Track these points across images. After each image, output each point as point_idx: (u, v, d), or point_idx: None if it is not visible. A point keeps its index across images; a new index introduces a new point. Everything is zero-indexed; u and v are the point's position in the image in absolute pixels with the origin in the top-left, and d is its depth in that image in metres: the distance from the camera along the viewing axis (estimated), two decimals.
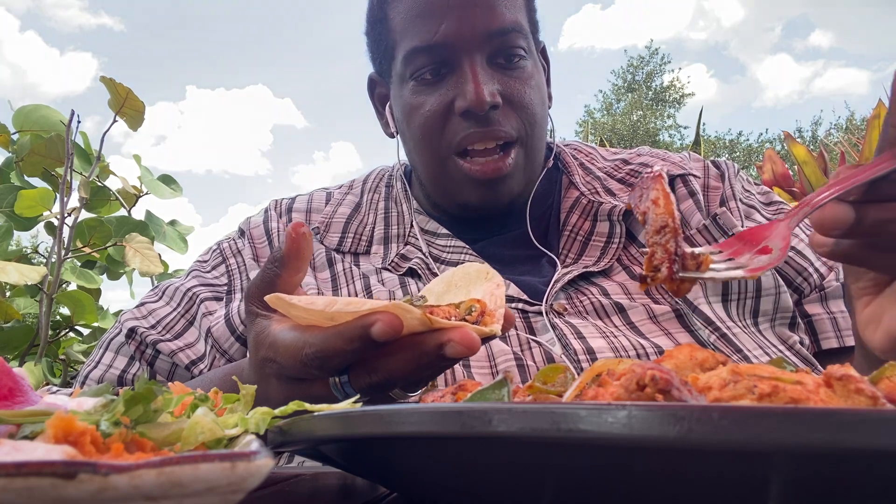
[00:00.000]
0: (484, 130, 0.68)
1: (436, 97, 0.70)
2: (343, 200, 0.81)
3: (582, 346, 0.61)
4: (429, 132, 0.71)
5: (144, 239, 1.75)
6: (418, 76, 0.71)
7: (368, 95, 0.84)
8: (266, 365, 0.46)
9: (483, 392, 0.32)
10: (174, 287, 0.76)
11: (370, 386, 0.42)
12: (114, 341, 0.73)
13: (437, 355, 0.40)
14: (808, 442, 0.19)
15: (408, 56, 0.71)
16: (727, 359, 0.32)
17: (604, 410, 0.21)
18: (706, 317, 0.64)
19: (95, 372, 0.71)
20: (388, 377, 0.42)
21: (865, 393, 0.26)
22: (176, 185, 2.06)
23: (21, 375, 0.29)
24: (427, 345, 0.40)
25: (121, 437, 0.24)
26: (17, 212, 1.71)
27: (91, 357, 0.74)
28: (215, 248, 0.80)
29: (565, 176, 0.80)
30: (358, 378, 0.42)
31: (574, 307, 0.67)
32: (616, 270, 0.70)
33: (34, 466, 0.17)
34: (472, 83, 0.67)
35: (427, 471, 0.30)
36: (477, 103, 0.66)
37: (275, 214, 0.80)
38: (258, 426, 0.30)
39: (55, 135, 1.70)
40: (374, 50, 0.79)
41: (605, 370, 0.30)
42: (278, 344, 0.44)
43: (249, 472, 0.21)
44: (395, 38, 0.73)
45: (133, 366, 0.71)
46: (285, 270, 0.48)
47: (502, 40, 0.69)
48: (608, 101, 23.10)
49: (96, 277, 1.87)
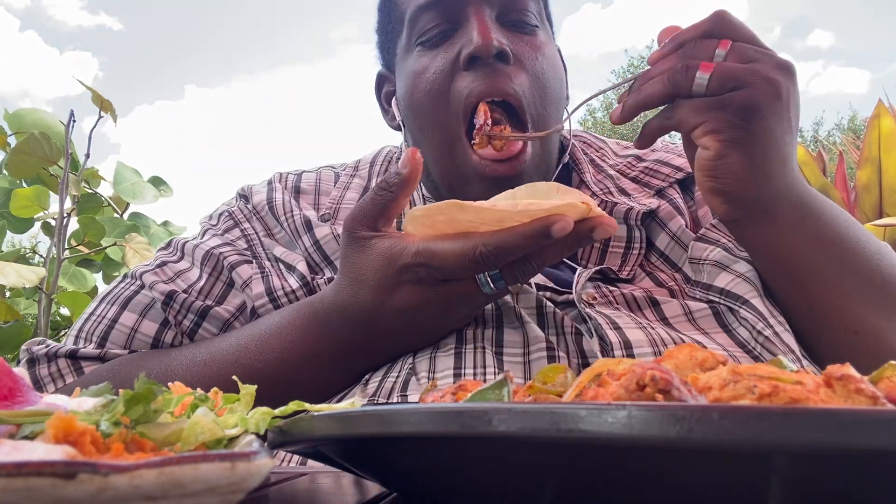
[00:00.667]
0: (491, 81, 0.63)
1: (440, 57, 0.66)
2: (350, 184, 0.76)
3: (619, 338, 0.56)
4: (433, 97, 0.66)
5: (143, 239, 1.75)
6: (423, 38, 0.67)
7: (375, 93, 0.81)
8: (406, 272, 0.50)
9: (483, 392, 0.32)
10: (192, 245, 0.70)
11: (523, 273, 0.49)
12: (134, 301, 0.66)
13: (587, 238, 0.48)
14: (808, 442, 0.19)
15: (413, 17, 0.68)
16: (727, 359, 0.32)
17: (604, 410, 0.21)
18: (758, 311, 0.58)
19: (116, 334, 0.65)
20: (541, 264, 0.49)
21: (865, 393, 0.26)
22: (165, 187, 2.04)
23: (21, 375, 0.29)
24: (582, 231, 0.47)
25: (121, 437, 0.24)
26: (13, 212, 1.71)
27: (96, 311, 0.67)
28: (223, 210, 0.75)
29: (576, 173, 0.75)
30: (514, 269, 0.49)
31: (604, 297, 0.62)
32: (640, 278, 0.66)
33: (34, 466, 0.17)
34: (477, 28, 0.63)
35: (427, 471, 0.30)
36: (483, 47, 0.62)
37: (280, 187, 0.75)
38: (258, 426, 0.30)
39: (39, 132, 1.70)
40: (383, 39, 0.77)
41: (605, 370, 0.30)
42: (434, 250, 0.49)
43: (249, 472, 0.21)
44: (403, 9, 0.70)
45: (166, 333, 0.66)
46: (402, 193, 0.53)
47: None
48: (608, 100, 23.09)
49: (89, 278, 1.86)
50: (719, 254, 0.63)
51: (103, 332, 0.66)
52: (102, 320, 0.67)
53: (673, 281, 0.65)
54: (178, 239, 0.73)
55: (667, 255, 0.68)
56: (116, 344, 0.66)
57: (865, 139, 2.37)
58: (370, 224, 0.53)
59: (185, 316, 0.65)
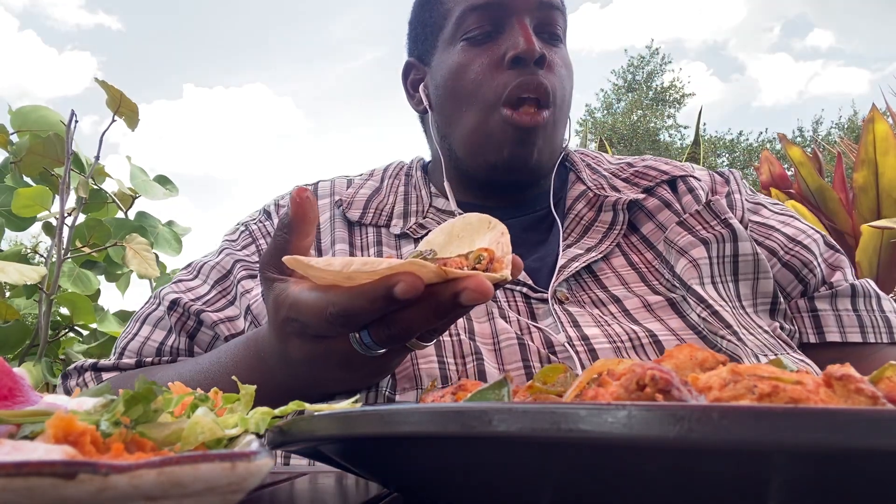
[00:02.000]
0: (531, 78, 0.73)
1: (486, 54, 0.75)
2: (364, 185, 0.84)
3: (577, 333, 0.64)
4: (477, 85, 0.75)
5: (144, 240, 1.75)
6: (469, 35, 0.76)
7: (402, 80, 0.89)
8: (287, 324, 0.48)
9: (483, 392, 0.32)
10: (209, 265, 0.79)
11: (390, 338, 0.45)
12: (151, 315, 0.76)
13: (452, 304, 0.42)
14: (808, 442, 0.19)
15: (461, 16, 0.77)
16: (727, 359, 0.32)
17: (604, 410, 0.21)
18: (699, 295, 0.67)
19: (133, 343, 0.75)
20: (407, 329, 0.44)
21: (865, 393, 0.26)
22: (171, 186, 2.05)
23: (21, 375, 0.29)
24: (443, 295, 0.42)
25: (121, 437, 0.24)
26: (15, 211, 1.71)
27: (127, 329, 0.78)
28: (243, 228, 0.83)
29: (573, 173, 0.85)
30: (378, 332, 0.45)
31: (574, 297, 0.70)
32: (615, 254, 0.74)
33: (34, 466, 0.17)
34: (523, 35, 0.73)
35: (427, 471, 0.30)
36: (528, 51, 0.72)
37: None
38: (258, 426, 0.30)
39: (53, 134, 1.70)
40: (419, 31, 0.85)
41: (605, 370, 0.30)
42: (300, 303, 0.46)
43: (249, 472, 0.21)
44: (450, 7, 0.79)
45: (170, 338, 0.74)
46: (294, 235, 0.50)
47: (549, 13, 0.76)
48: (608, 100, 23.12)
49: (93, 281, 1.86)
50: (686, 238, 0.72)
51: (125, 344, 0.76)
52: (128, 335, 0.76)
53: (643, 263, 0.73)
54: (198, 261, 0.81)
55: (646, 237, 0.76)
56: (132, 352, 0.74)
57: (862, 142, 2.38)
58: (274, 265, 0.50)
59: (186, 319, 0.74)
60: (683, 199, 0.77)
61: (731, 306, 0.69)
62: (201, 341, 0.74)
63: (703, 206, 0.75)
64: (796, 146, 2.64)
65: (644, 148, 20.77)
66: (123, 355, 0.74)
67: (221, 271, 0.78)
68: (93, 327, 1.84)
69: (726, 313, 0.66)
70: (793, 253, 0.74)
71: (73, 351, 1.79)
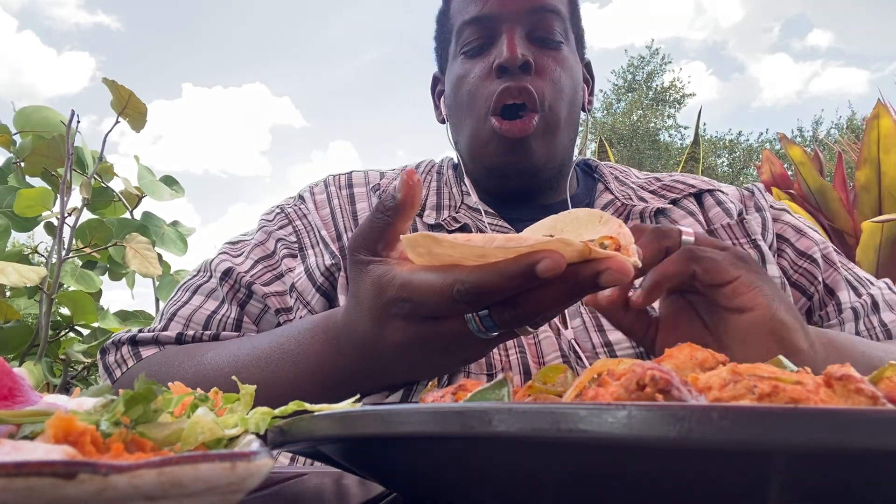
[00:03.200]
0: (514, 85, 0.75)
1: (479, 65, 0.79)
2: (396, 177, 0.86)
3: (601, 339, 0.67)
4: (471, 96, 0.79)
5: (144, 239, 1.75)
6: (466, 49, 0.80)
7: (431, 92, 0.94)
8: (394, 305, 0.46)
9: (483, 392, 0.32)
10: (251, 244, 0.81)
11: (514, 319, 0.43)
12: (203, 286, 0.77)
13: (591, 284, 0.40)
14: (808, 442, 0.19)
15: (459, 30, 0.81)
16: (727, 359, 0.32)
17: (604, 410, 0.21)
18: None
19: (185, 310, 0.76)
20: (535, 310, 0.42)
21: (865, 393, 0.26)
22: (177, 187, 2.06)
23: (21, 375, 0.29)
24: (583, 275, 0.40)
25: (121, 437, 0.24)
26: (17, 212, 1.71)
27: (174, 297, 0.78)
28: (278, 210, 0.84)
29: (601, 183, 0.88)
30: (502, 313, 0.43)
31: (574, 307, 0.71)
32: None
33: (34, 466, 0.17)
34: (507, 43, 0.75)
35: (427, 471, 0.30)
36: (510, 59, 0.74)
37: (335, 189, 0.85)
38: (258, 426, 0.30)
39: (57, 135, 1.70)
40: (438, 46, 0.90)
41: (605, 370, 0.30)
42: (415, 283, 0.44)
43: (249, 472, 0.21)
44: (453, 22, 0.83)
45: (222, 308, 0.75)
46: (399, 217, 0.49)
47: (540, 17, 0.78)
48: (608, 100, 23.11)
49: (96, 280, 1.87)
50: None
51: (175, 311, 0.76)
52: (177, 303, 0.77)
53: None
54: (236, 239, 0.84)
55: None
56: (182, 318, 0.75)
57: (864, 139, 2.37)
58: (370, 247, 0.49)
59: (238, 288, 0.76)
60: (710, 211, 0.80)
61: None
62: (251, 312, 0.76)
63: (735, 221, 0.78)
64: (797, 146, 2.64)
65: (644, 148, 20.76)
66: (171, 322, 0.75)
67: (265, 250, 0.79)
68: (94, 326, 1.84)
69: None
70: (801, 272, 0.77)
71: (73, 351, 1.79)
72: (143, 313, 1.95)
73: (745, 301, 0.50)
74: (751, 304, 0.50)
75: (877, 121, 2.33)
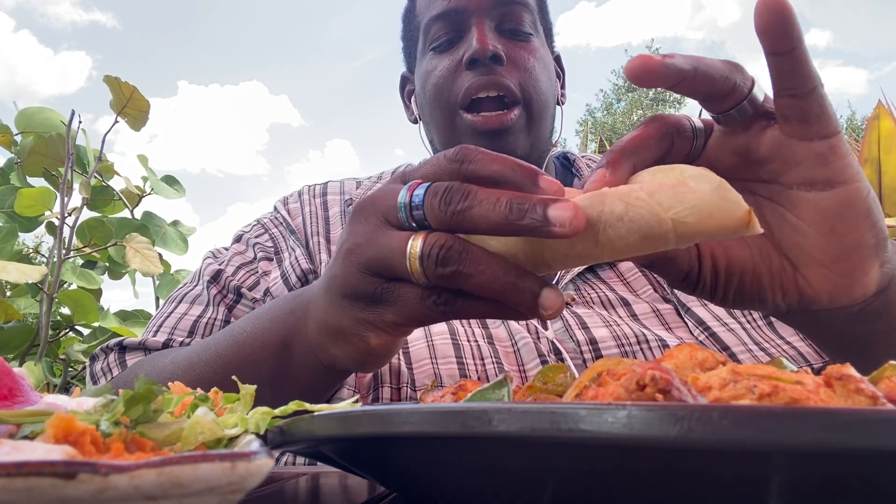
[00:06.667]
0: (487, 79, 0.74)
1: (447, 59, 0.78)
2: (373, 186, 0.86)
3: (585, 336, 0.65)
4: (440, 90, 0.77)
5: (144, 239, 1.75)
6: (434, 45, 0.79)
7: (399, 92, 0.93)
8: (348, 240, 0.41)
9: (483, 392, 0.32)
10: (230, 254, 0.82)
11: (444, 200, 0.35)
12: (188, 294, 0.78)
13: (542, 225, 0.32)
14: (808, 442, 0.19)
15: (426, 27, 0.80)
16: (727, 359, 0.32)
17: (604, 410, 0.21)
18: (698, 318, 0.68)
19: (169, 320, 0.75)
20: (465, 192, 0.34)
21: (865, 393, 0.26)
22: (178, 186, 2.06)
23: (21, 375, 0.29)
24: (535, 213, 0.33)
25: (121, 437, 0.24)
26: (18, 211, 1.71)
27: (161, 310, 0.78)
28: (255, 223, 0.87)
29: (578, 179, 0.87)
30: (432, 202, 0.36)
31: (581, 297, 0.71)
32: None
33: (34, 466, 0.17)
34: (476, 36, 0.74)
35: (427, 471, 0.30)
36: (480, 51, 0.73)
37: (308, 198, 0.87)
38: (258, 426, 0.30)
39: (55, 133, 1.70)
40: (407, 45, 0.89)
41: (605, 370, 0.30)
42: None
43: (249, 472, 0.21)
44: (420, 20, 0.82)
45: (208, 312, 0.75)
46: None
47: (509, 10, 0.77)
48: (608, 100, 23.10)
49: (97, 278, 1.87)
50: None
51: (160, 322, 0.75)
52: (163, 315, 0.77)
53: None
54: (217, 249, 0.85)
55: None
56: (167, 328, 0.74)
57: (865, 140, 2.37)
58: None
59: (227, 292, 0.76)
60: None
61: (739, 323, 0.68)
62: (239, 314, 0.75)
63: None
64: None
65: None
66: (157, 332, 0.74)
67: (244, 257, 0.81)
68: (94, 326, 1.85)
69: (728, 333, 0.66)
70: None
71: (73, 350, 1.79)
72: (143, 313, 1.95)
73: (837, 170, 0.37)
74: (844, 174, 0.37)
75: (877, 121, 2.33)
